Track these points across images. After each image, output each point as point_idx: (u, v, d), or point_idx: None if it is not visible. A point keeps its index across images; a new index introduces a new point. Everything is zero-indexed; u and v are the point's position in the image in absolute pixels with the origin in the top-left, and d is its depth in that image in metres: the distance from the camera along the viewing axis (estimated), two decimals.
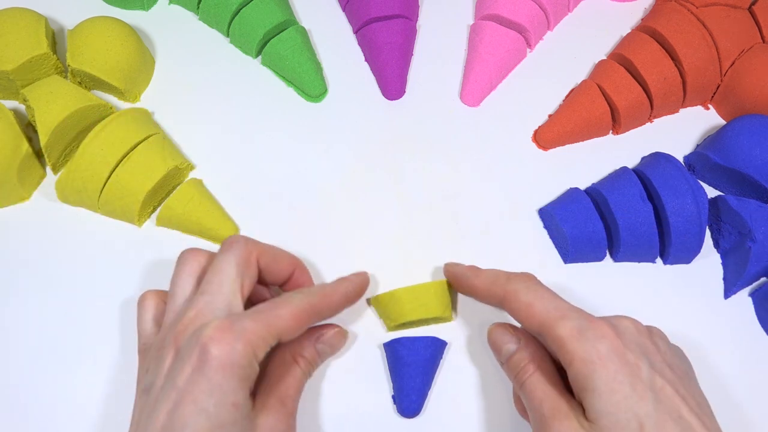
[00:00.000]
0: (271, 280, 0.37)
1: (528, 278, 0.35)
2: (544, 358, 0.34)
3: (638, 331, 0.33)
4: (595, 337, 0.31)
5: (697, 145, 0.47)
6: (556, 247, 0.43)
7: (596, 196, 0.43)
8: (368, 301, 0.41)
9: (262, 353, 0.31)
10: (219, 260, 0.34)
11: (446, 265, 0.40)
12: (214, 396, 0.29)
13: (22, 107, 0.46)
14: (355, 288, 0.38)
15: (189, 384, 0.30)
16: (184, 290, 0.35)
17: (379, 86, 0.49)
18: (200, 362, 0.30)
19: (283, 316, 0.32)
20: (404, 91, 0.49)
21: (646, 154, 0.45)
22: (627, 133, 0.47)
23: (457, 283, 0.39)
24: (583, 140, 0.47)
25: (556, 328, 0.31)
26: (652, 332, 0.34)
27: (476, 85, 0.48)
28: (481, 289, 0.36)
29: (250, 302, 0.35)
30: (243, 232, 0.43)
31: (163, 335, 0.34)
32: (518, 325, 0.36)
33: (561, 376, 0.33)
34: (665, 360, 0.32)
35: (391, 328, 0.40)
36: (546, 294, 0.34)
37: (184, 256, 0.36)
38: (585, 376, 0.30)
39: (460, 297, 0.41)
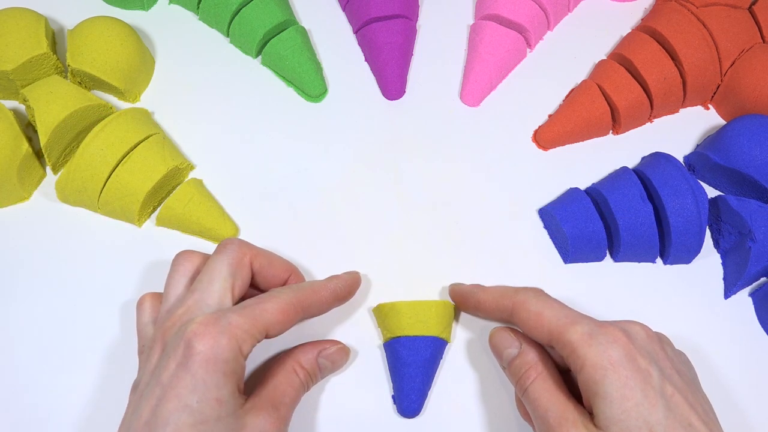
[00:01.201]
0: (264, 285, 0.37)
1: (536, 290, 0.35)
2: (546, 363, 0.34)
3: (648, 336, 0.33)
4: (606, 342, 0.30)
5: (697, 145, 0.47)
6: (556, 247, 0.43)
7: (596, 196, 0.43)
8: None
9: (248, 348, 0.31)
10: (212, 261, 0.35)
11: (451, 285, 0.40)
12: (197, 391, 0.29)
13: (22, 107, 0.46)
14: (344, 286, 0.38)
15: (173, 379, 0.29)
16: (177, 290, 0.35)
17: (379, 86, 0.49)
18: (184, 357, 0.30)
19: (270, 310, 0.32)
20: (404, 91, 0.49)
21: (646, 154, 0.45)
22: (627, 133, 0.47)
23: (463, 301, 0.39)
24: (583, 140, 0.47)
25: (567, 334, 0.31)
26: (660, 338, 0.34)
27: (476, 85, 0.48)
28: (489, 302, 0.36)
29: None
30: (243, 232, 0.43)
31: (153, 333, 0.34)
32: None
33: (564, 380, 0.33)
34: (674, 366, 0.32)
35: (387, 339, 0.39)
36: (555, 304, 0.34)
37: (178, 258, 0.37)
38: (596, 382, 0.30)
39: None
